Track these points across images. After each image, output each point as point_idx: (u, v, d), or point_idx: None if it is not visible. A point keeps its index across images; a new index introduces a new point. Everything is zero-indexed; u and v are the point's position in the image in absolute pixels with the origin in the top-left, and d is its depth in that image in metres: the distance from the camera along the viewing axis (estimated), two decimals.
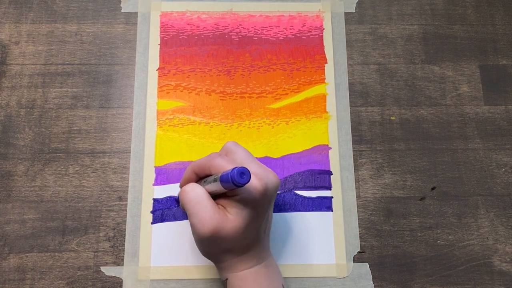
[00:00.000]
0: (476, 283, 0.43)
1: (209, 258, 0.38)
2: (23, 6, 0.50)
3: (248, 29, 0.50)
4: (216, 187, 0.34)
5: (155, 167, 0.46)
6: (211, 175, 0.36)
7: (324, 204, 0.45)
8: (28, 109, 0.47)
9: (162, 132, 0.47)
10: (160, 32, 0.50)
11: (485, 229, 0.45)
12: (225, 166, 0.34)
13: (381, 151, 0.47)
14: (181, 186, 0.39)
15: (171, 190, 0.45)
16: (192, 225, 0.35)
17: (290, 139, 0.47)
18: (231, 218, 0.34)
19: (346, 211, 0.45)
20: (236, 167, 0.31)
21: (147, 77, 0.48)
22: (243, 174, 0.31)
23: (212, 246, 0.36)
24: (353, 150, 0.47)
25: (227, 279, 0.37)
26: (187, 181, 0.38)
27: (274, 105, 0.48)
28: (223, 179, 0.32)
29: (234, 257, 0.36)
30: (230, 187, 0.32)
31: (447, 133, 0.48)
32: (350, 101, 0.48)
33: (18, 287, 0.42)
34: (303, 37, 0.50)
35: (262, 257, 0.37)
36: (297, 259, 0.43)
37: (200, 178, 0.38)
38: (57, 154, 0.46)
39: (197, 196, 0.35)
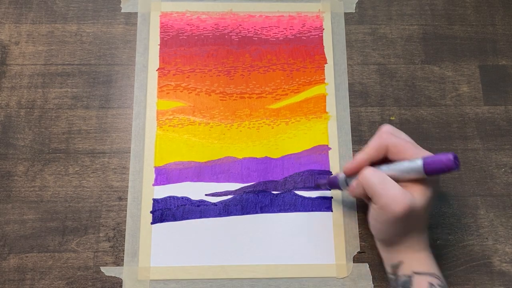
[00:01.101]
0: (475, 283, 0.43)
1: (385, 243, 0.39)
2: (23, 6, 0.50)
3: (248, 29, 0.50)
4: (403, 172, 0.36)
5: (155, 167, 0.46)
6: (386, 157, 0.37)
7: (324, 204, 0.45)
8: (28, 109, 0.47)
9: (162, 132, 0.47)
10: (160, 32, 0.50)
11: (485, 229, 0.45)
12: (405, 146, 0.36)
13: None
14: (349, 171, 0.39)
15: (171, 190, 0.45)
16: (382, 207, 0.35)
17: (290, 139, 0.47)
18: (417, 196, 0.35)
19: (346, 211, 0.45)
20: (444, 154, 0.33)
21: (147, 77, 0.48)
22: (456, 159, 0.33)
23: (400, 226, 0.36)
24: (353, 151, 0.47)
25: (400, 262, 0.38)
26: (360, 167, 0.38)
27: (274, 105, 0.48)
28: (430, 168, 0.34)
29: (415, 237, 0.37)
30: (439, 172, 0.34)
31: (447, 133, 0.48)
32: (350, 101, 0.48)
33: (18, 287, 0.42)
34: (303, 38, 0.50)
35: (428, 242, 0.39)
36: (297, 259, 0.43)
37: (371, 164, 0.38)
38: (57, 154, 0.46)
39: (380, 177, 0.36)
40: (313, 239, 0.44)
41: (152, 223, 0.44)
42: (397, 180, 0.36)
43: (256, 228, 0.44)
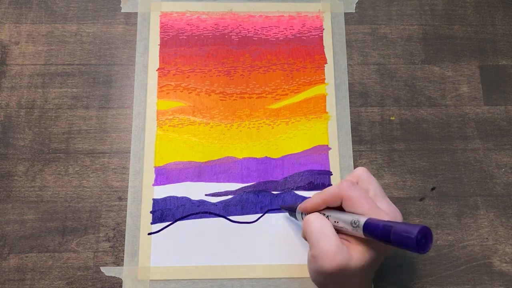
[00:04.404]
0: (476, 284, 0.43)
1: (318, 287, 0.36)
2: (23, 6, 0.50)
3: (248, 29, 0.50)
4: (349, 229, 0.32)
5: (155, 167, 0.46)
6: (340, 206, 0.34)
7: None
8: (28, 110, 0.47)
9: (162, 133, 0.47)
10: (160, 32, 0.50)
11: (485, 229, 0.45)
12: (360, 202, 0.33)
13: (381, 151, 0.47)
14: (303, 209, 0.37)
15: (171, 190, 0.45)
16: (313, 256, 0.33)
17: (290, 139, 0.47)
18: (355, 256, 0.32)
19: None
20: (410, 227, 0.27)
21: (147, 77, 0.48)
22: (425, 239, 0.26)
23: (331, 282, 0.33)
24: (353, 151, 0.47)
25: None
26: (314, 208, 0.36)
27: (274, 105, 0.48)
28: (370, 231, 0.30)
29: None
30: (379, 239, 0.29)
31: (447, 133, 0.48)
32: (350, 102, 0.48)
33: (18, 287, 0.42)
34: (303, 38, 0.50)
35: None
36: (297, 259, 0.43)
37: (328, 208, 0.36)
38: (57, 155, 0.46)
39: (321, 227, 0.33)
40: None
41: (152, 223, 0.44)
42: (344, 232, 0.33)
43: (256, 228, 0.44)
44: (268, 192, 0.45)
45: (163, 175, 0.45)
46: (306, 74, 0.49)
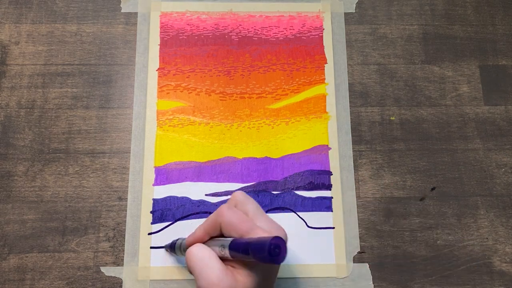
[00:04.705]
0: (476, 283, 0.43)
1: None
2: (23, 6, 0.50)
3: (248, 29, 0.50)
4: (227, 253, 0.31)
5: (155, 167, 0.46)
6: (222, 234, 0.34)
7: (324, 204, 0.45)
8: (28, 110, 0.47)
9: (162, 133, 0.47)
10: (160, 32, 0.50)
11: (485, 229, 0.45)
12: (237, 224, 0.32)
13: (381, 151, 0.47)
14: (188, 243, 0.36)
15: (171, 190, 0.45)
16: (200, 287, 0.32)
17: (290, 139, 0.47)
18: (241, 280, 0.31)
19: (346, 211, 0.45)
20: (263, 239, 0.27)
21: (147, 77, 0.48)
22: (277, 249, 0.26)
23: None
24: (353, 151, 0.47)
25: None
26: (197, 240, 0.35)
27: (274, 105, 0.48)
28: (234, 250, 0.29)
29: None
30: (245, 257, 0.29)
31: (447, 133, 0.48)
32: (350, 101, 0.48)
33: (18, 287, 0.42)
34: (303, 38, 0.50)
35: None
36: (297, 259, 0.43)
37: (212, 237, 0.35)
38: (57, 155, 0.46)
39: (203, 257, 0.32)
40: (313, 239, 0.44)
41: (152, 223, 0.44)
42: (229, 258, 0.32)
43: None
44: (268, 192, 0.45)
45: (163, 175, 0.45)
46: (306, 74, 0.49)
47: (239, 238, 0.32)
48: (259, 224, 0.33)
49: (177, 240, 0.40)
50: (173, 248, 0.40)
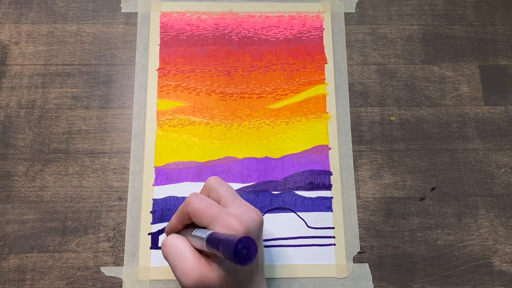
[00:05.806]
0: (476, 284, 0.43)
1: None
2: (23, 6, 0.50)
3: (248, 29, 0.50)
4: (198, 244, 0.31)
5: (155, 167, 0.46)
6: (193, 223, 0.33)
7: (324, 204, 0.45)
8: (28, 110, 0.47)
9: (162, 133, 0.47)
10: (160, 32, 0.50)
11: (485, 229, 0.45)
12: (204, 212, 0.32)
13: (381, 151, 0.47)
14: (166, 233, 0.37)
15: (171, 190, 0.45)
16: (176, 278, 0.33)
17: (290, 139, 0.47)
18: (215, 266, 0.32)
19: (346, 211, 0.45)
20: (231, 239, 0.26)
21: (147, 77, 0.48)
22: (245, 249, 0.25)
23: None
24: (353, 151, 0.47)
25: None
26: (172, 229, 0.36)
27: (274, 105, 0.48)
28: (210, 244, 0.29)
29: None
30: (220, 254, 0.28)
31: (447, 133, 0.48)
32: (350, 102, 0.48)
33: (18, 287, 0.42)
34: (303, 38, 0.50)
35: None
36: (297, 259, 0.43)
37: (188, 226, 0.35)
38: (57, 155, 0.46)
39: (176, 248, 0.33)
40: (313, 239, 0.44)
41: (152, 223, 0.44)
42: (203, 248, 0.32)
43: None
44: (268, 192, 0.45)
45: (163, 175, 0.45)
46: (306, 74, 0.49)
47: (215, 232, 0.31)
48: (231, 209, 0.33)
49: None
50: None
